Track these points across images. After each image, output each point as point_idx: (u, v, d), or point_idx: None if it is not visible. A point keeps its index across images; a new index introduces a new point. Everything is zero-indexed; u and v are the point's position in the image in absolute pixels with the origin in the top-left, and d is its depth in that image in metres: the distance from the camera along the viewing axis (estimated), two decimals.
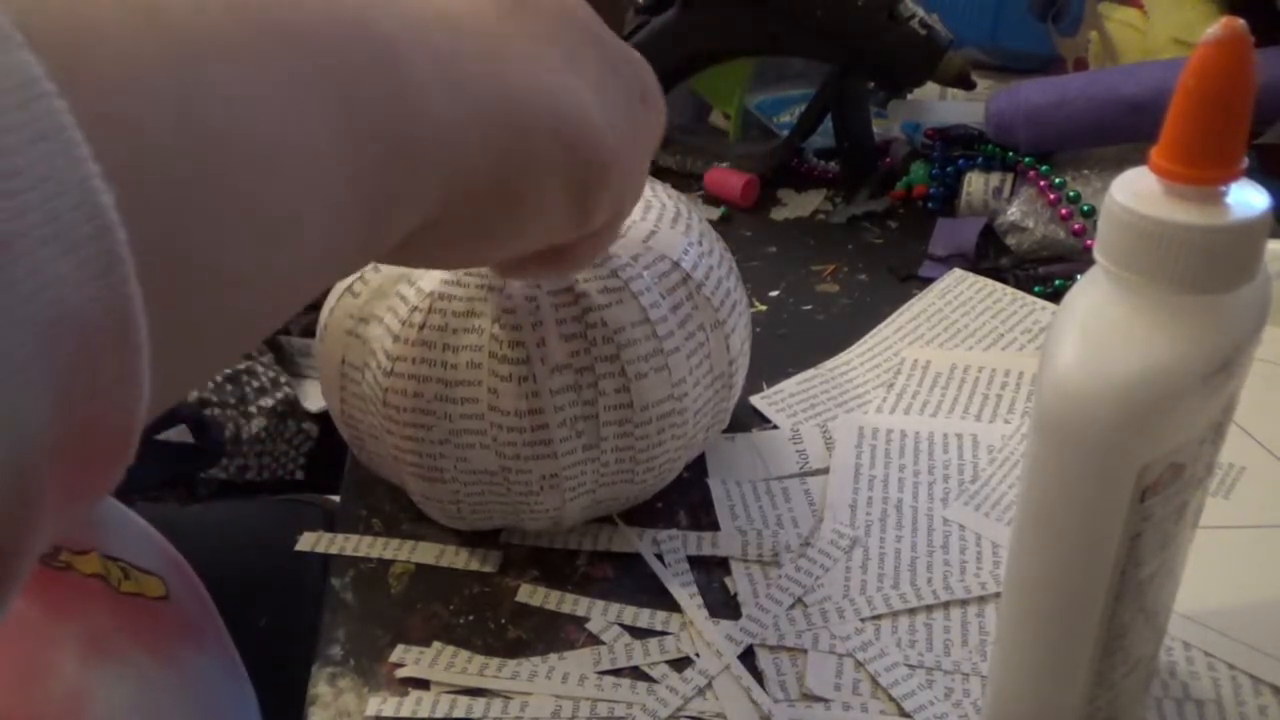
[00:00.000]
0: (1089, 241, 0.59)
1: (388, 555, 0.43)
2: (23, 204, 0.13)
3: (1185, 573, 0.31)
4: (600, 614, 0.40)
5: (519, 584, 0.42)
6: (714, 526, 0.44)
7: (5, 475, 0.14)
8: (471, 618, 0.41)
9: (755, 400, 0.51)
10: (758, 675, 0.38)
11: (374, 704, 0.37)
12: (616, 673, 0.38)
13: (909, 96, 0.75)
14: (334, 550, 0.44)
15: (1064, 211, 0.61)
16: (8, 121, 0.13)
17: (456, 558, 0.43)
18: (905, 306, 0.58)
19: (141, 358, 0.15)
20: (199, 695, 0.44)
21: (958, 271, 0.61)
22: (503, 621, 0.41)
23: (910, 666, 0.38)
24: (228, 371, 0.90)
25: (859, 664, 0.38)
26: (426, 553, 0.43)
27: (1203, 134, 0.24)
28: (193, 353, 0.18)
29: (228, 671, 0.47)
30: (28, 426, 0.14)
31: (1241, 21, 0.23)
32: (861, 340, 0.56)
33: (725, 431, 0.48)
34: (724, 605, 0.41)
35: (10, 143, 0.13)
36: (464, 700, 0.37)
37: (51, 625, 0.40)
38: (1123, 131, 0.61)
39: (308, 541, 0.44)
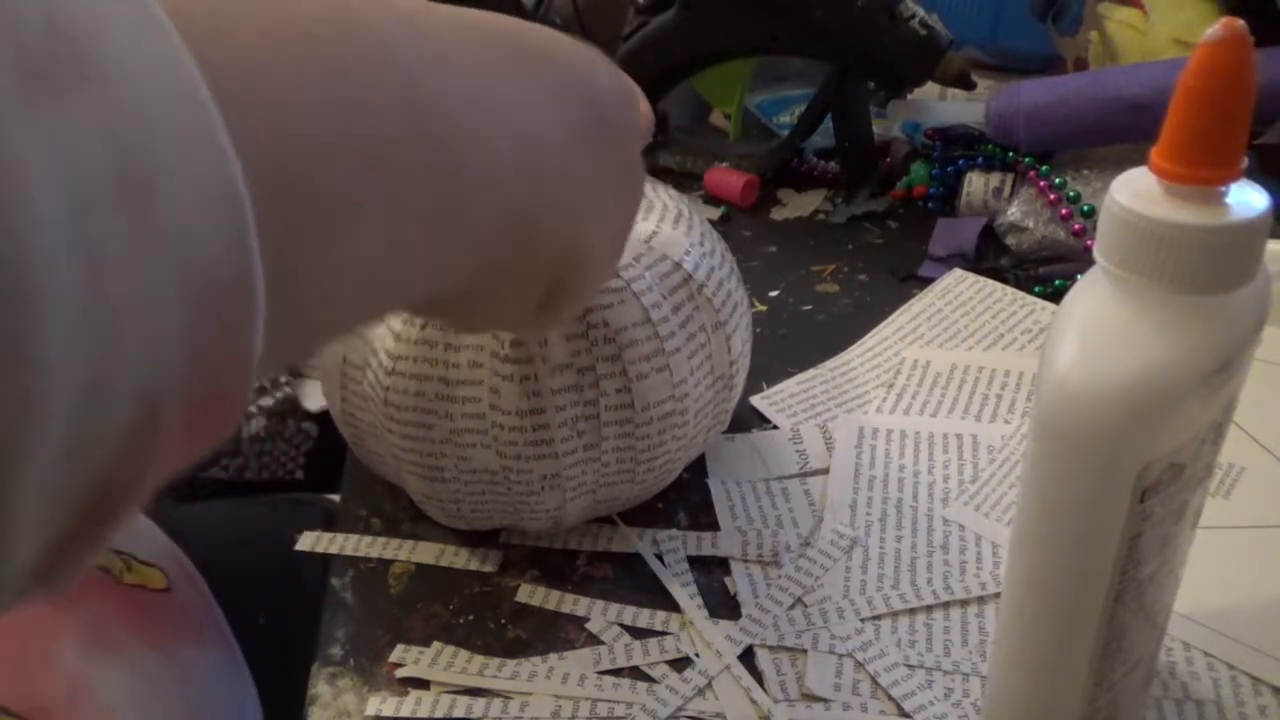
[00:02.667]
0: (1089, 241, 0.59)
1: (387, 555, 0.43)
2: (166, 159, 0.15)
3: (1185, 573, 0.31)
4: (600, 614, 0.40)
5: (519, 584, 0.42)
6: (714, 526, 0.44)
7: (138, 405, 0.15)
8: (471, 618, 0.41)
9: (755, 400, 0.51)
10: (758, 675, 0.38)
11: (374, 704, 0.37)
12: (616, 673, 0.38)
13: (909, 96, 0.75)
14: (334, 550, 0.44)
15: (1064, 211, 0.61)
16: (169, 106, 0.15)
17: (456, 558, 0.43)
18: (905, 306, 0.58)
19: (259, 314, 0.17)
20: (199, 687, 0.44)
21: (958, 271, 0.61)
22: (503, 621, 0.41)
23: (910, 666, 0.38)
24: None
25: (859, 664, 0.38)
26: (426, 553, 0.43)
27: (1203, 134, 0.24)
28: (288, 333, 0.20)
29: (228, 665, 0.47)
30: (163, 361, 0.15)
31: (1241, 21, 0.23)
32: (861, 340, 0.56)
33: (725, 432, 0.48)
34: (724, 605, 0.41)
35: (153, 109, 0.15)
36: (464, 700, 0.37)
37: (54, 614, 0.40)
38: (1123, 131, 0.61)
39: (307, 541, 0.44)
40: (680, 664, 0.38)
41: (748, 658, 0.38)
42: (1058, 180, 0.62)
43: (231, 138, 0.16)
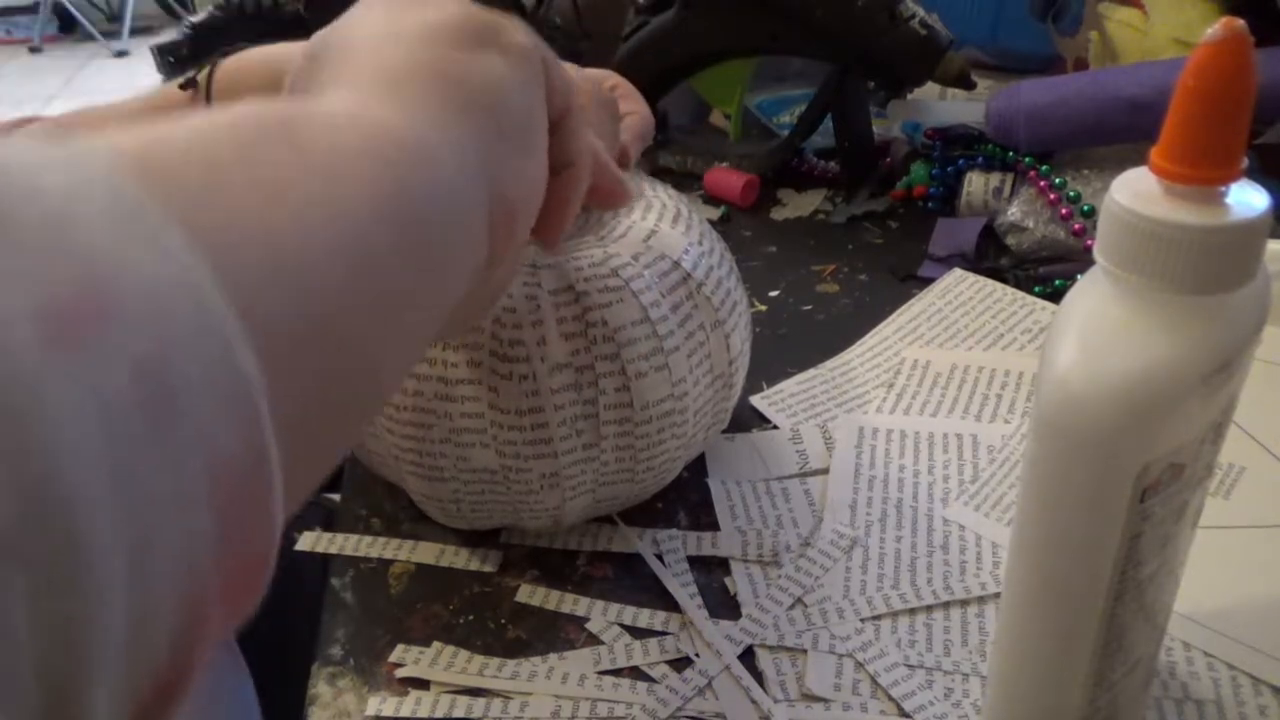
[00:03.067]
0: (1089, 241, 0.59)
1: (387, 555, 0.43)
2: (182, 367, 0.16)
3: (1185, 573, 0.31)
4: (600, 614, 0.40)
5: (519, 584, 0.42)
6: (714, 526, 0.44)
7: (183, 608, 0.16)
8: (471, 618, 0.41)
9: (755, 400, 0.51)
10: (758, 675, 0.38)
11: (374, 704, 0.37)
12: (616, 673, 0.38)
13: (909, 96, 0.75)
14: (334, 550, 0.44)
15: (1064, 211, 0.61)
16: (178, 316, 0.16)
17: (456, 558, 0.43)
18: (905, 306, 0.58)
19: (277, 485, 0.18)
20: (199, 686, 0.44)
21: (958, 271, 0.61)
22: (503, 621, 0.41)
23: (910, 666, 0.38)
24: None
25: (859, 664, 0.38)
26: (426, 553, 0.43)
27: (1203, 134, 0.24)
28: (313, 469, 0.22)
29: (228, 665, 0.47)
30: (199, 563, 0.17)
31: (1241, 21, 0.23)
32: (861, 340, 0.56)
33: (725, 431, 0.48)
34: (724, 605, 0.41)
35: (168, 325, 0.16)
36: (464, 700, 0.37)
37: None
38: (1123, 131, 0.61)
39: (307, 541, 0.44)
40: (680, 664, 0.38)
41: (748, 658, 0.38)
42: (1058, 180, 0.62)
43: (239, 313, 0.17)
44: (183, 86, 0.38)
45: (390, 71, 0.27)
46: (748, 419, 0.50)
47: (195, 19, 0.83)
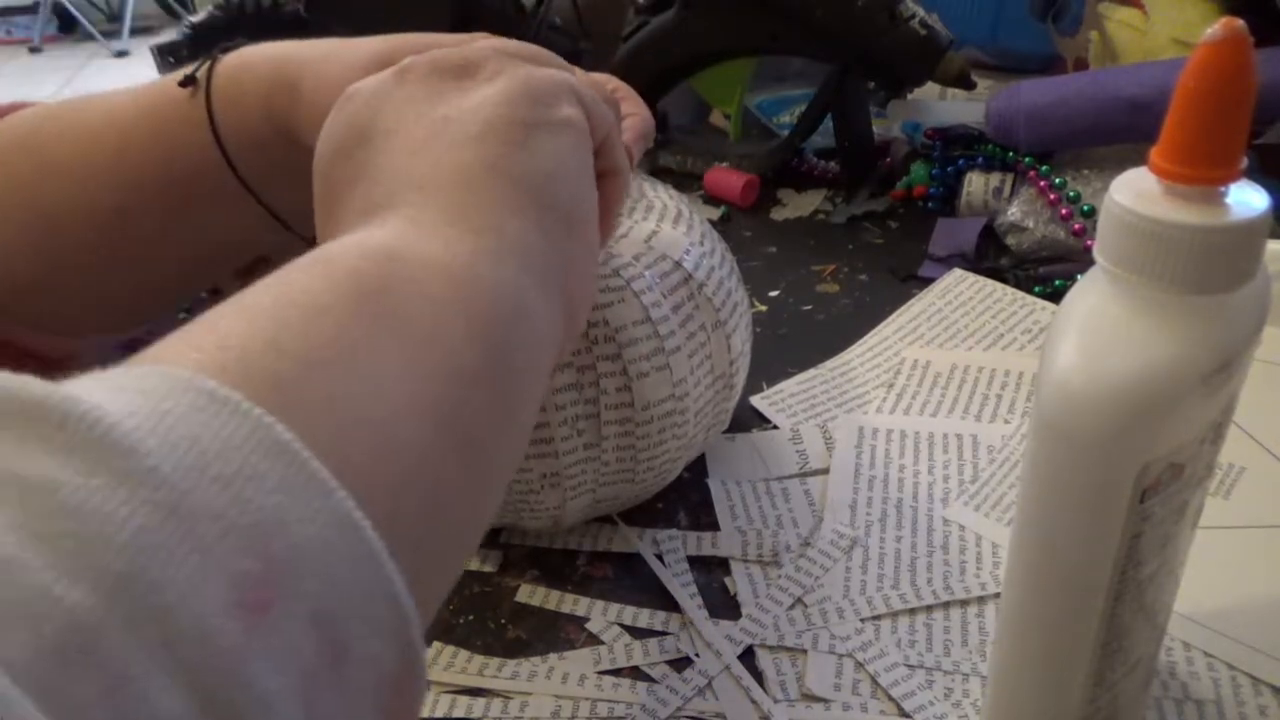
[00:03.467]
0: (1089, 241, 0.59)
1: None
2: (352, 610, 0.17)
3: (1185, 573, 0.31)
4: (600, 614, 0.40)
5: (519, 584, 0.42)
6: (714, 526, 0.44)
7: None
8: (471, 618, 0.41)
9: (755, 400, 0.51)
10: (758, 675, 0.38)
11: None
12: (616, 673, 0.38)
13: (909, 96, 0.75)
14: None
15: (1064, 211, 0.61)
16: (343, 559, 0.17)
17: None
18: (905, 306, 0.58)
19: (423, 676, 0.19)
20: None
21: (958, 271, 0.61)
22: (503, 621, 0.41)
23: (910, 666, 0.38)
24: None
25: (859, 664, 0.38)
26: None
27: (1203, 134, 0.24)
28: (438, 602, 0.23)
29: None
30: None
31: (1241, 21, 0.23)
32: (861, 340, 0.56)
33: (725, 431, 0.48)
34: (724, 605, 0.41)
35: (343, 577, 0.17)
36: (464, 700, 0.37)
37: None
38: (1123, 131, 0.61)
39: None
40: (680, 664, 0.38)
41: (748, 658, 0.38)
42: (1058, 180, 0.62)
43: (377, 523, 0.18)
44: (182, 84, 0.37)
45: (454, 186, 0.26)
46: (748, 419, 0.50)
47: (195, 19, 0.83)
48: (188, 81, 0.37)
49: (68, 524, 0.14)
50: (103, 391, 0.16)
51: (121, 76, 3.32)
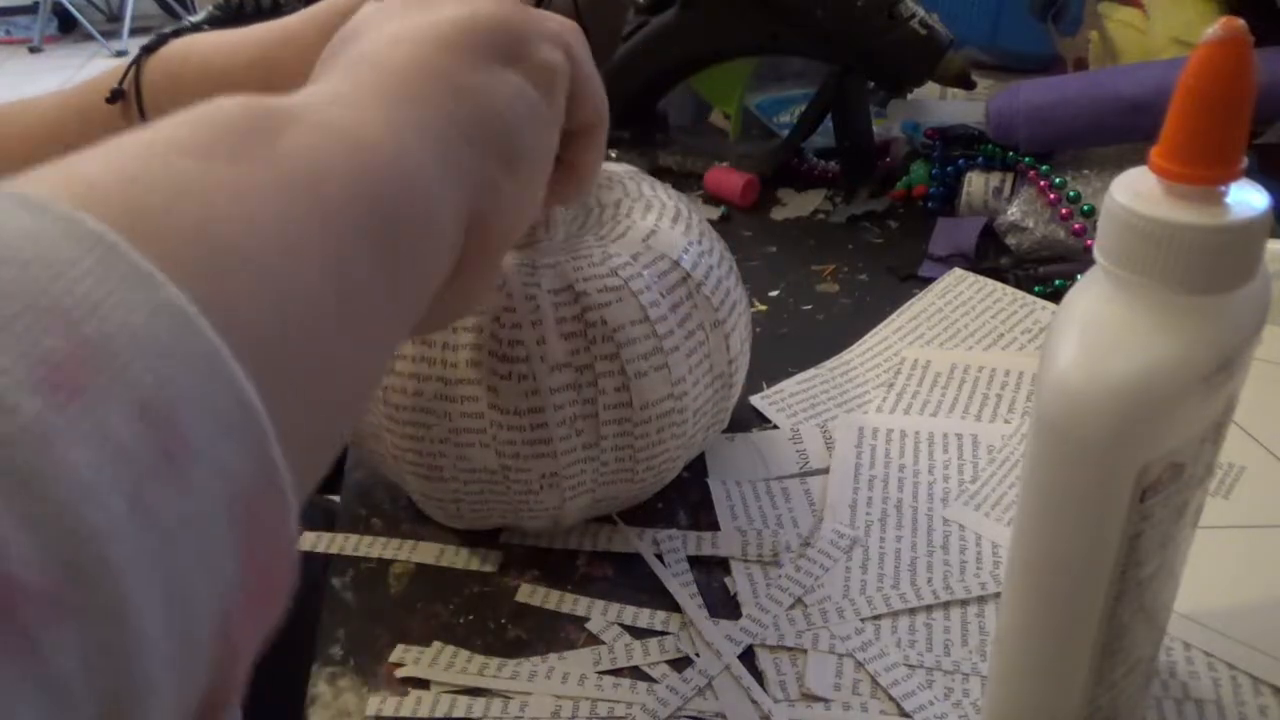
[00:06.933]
0: (1089, 241, 0.59)
1: (387, 555, 0.43)
2: (190, 407, 0.16)
3: (1185, 573, 0.31)
4: (600, 614, 0.40)
5: (519, 584, 0.42)
6: (714, 526, 0.44)
7: (219, 637, 0.17)
8: (471, 617, 0.41)
9: (755, 400, 0.51)
10: (758, 675, 0.38)
11: (374, 704, 0.37)
12: (616, 673, 0.38)
13: (909, 96, 0.75)
14: (334, 550, 0.44)
15: (1064, 211, 0.61)
16: (176, 354, 0.16)
17: (456, 557, 0.43)
18: (905, 306, 0.58)
19: (293, 506, 0.18)
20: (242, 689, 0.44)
21: (958, 271, 0.61)
22: (503, 621, 0.41)
23: (910, 666, 0.38)
24: None
25: (859, 664, 0.38)
26: (426, 552, 0.43)
27: (1203, 134, 0.24)
28: (309, 476, 0.22)
29: None
30: (227, 589, 0.17)
31: (1241, 21, 0.23)
32: (861, 340, 0.56)
33: (725, 431, 0.48)
34: (724, 605, 0.41)
35: (167, 365, 0.16)
36: (464, 700, 0.37)
37: None
38: (1123, 131, 0.61)
39: (307, 541, 0.44)
40: (680, 664, 0.38)
41: (748, 658, 0.38)
42: (1058, 180, 0.62)
43: (231, 341, 0.17)
44: (110, 99, 0.36)
45: (393, 73, 0.27)
46: (748, 419, 0.50)
47: (195, 19, 0.82)
48: (115, 97, 0.36)
49: None
50: None
51: None
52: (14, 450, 0.14)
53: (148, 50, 0.36)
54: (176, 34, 0.38)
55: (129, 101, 0.36)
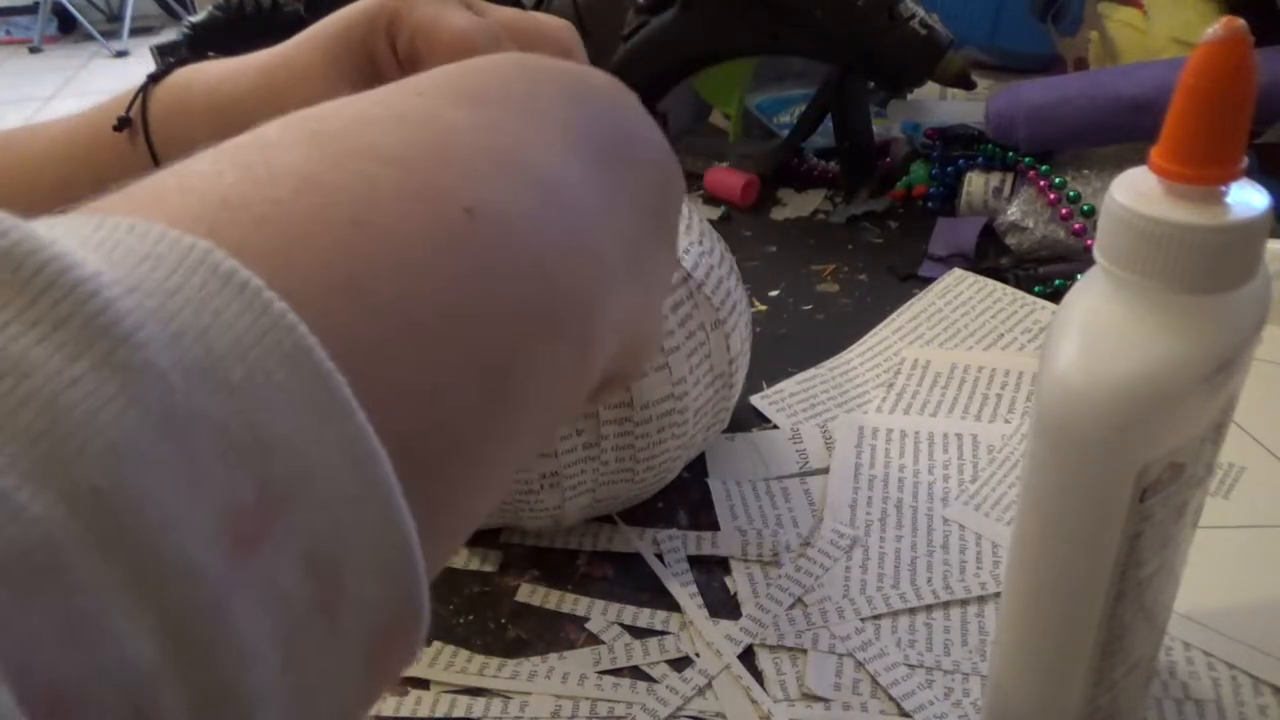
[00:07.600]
0: (1089, 241, 0.59)
1: None
2: (352, 554, 0.15)
3: (1185, 573, 0.31)
4: (600, 614, 0.40)
5: (519, 584, 0.42)
6: (714, 526, 0.44)
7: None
8: (471, 617, 0.41)
9: (755, 400, 0.51)
10: (758, 675, 0.38)
11: None
12: (616, 672, 0.38)
13: (909, 96, 0.75)
14: None
15: (1064, 211, 0.61)
16: (353, 498, 0.15)
17: (456, 557, 0.43)
18: (905, 306, 0.58)
19: (423, 619, 0.17)
20: None
21: (958, 271, 0.61)
22: (503, 621, 0.41)
23: (910, 666, 0.38)
24: None
25: (859, 664, 0.38)
26: None
27: (1203, 134, 0.24)
28: (437, 567, 0.20)
29: None
30: (348, 697, 0.16)
31: (1241, 21, 0.23)
32: (861, 340, 0.56)
33: (725, 431, 0.48)
34: (724, 605, 0.41)
35: (351, 518, 0.15)
36: (464, 700, 0.37)
37: None
38: (1123, 131, 0.61)
39: None
40: (680, 664, 0.38)
41: (748, 657, 0.38)
42: (1058, 180, 0.62)
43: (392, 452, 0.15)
44: (116, 128, 0.34)
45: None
46: (748, 419, 0.50)
47: (195, 19, 0.83)
48: (122, 125, 0.35)
49: (39, 419, 0.12)
50: (93, 251, 0.13)
51: (121, 76, 3.32)
52: (186, 616, 0.13)
53: (154, 79, 0.36)
54: (183, 63, 0.37)
55: (136, 129, 0.35)
